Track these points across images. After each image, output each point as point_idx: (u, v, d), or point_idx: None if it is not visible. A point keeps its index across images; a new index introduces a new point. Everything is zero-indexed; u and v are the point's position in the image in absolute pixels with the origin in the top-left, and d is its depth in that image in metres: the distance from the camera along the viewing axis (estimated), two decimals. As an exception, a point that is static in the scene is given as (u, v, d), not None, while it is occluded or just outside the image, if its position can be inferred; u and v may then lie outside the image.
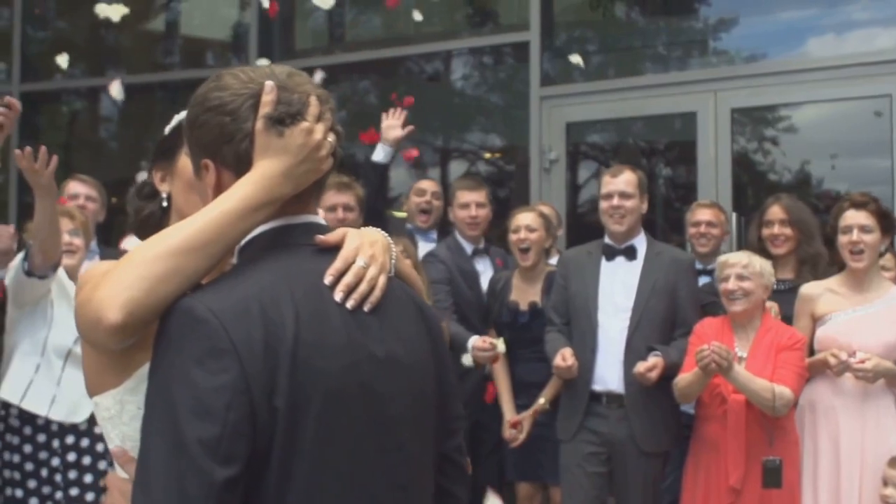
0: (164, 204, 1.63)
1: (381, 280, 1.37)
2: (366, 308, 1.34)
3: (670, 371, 3.50)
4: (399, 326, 1.40)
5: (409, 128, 4.02)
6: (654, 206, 4.59)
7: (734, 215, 4.83)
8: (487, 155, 6.07)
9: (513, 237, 3.98)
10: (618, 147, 5.74)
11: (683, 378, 3.36)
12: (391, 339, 1.36)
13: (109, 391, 1.44)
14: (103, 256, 4.03)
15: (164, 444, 1.18)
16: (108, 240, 4.58)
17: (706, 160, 5.03)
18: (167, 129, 1.66)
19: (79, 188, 3.98)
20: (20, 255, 3.25)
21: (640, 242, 3.80)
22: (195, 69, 6.94)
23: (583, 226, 5.48)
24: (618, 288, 3.72)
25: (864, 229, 3.42)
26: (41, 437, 3.40)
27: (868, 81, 4.72)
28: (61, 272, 3.40)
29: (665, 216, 5.40)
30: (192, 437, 1.16)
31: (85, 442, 3.44)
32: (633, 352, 3.60)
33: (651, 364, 3.47)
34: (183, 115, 1.65)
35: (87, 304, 1.25)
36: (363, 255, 1.37)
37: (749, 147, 5.24)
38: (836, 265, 3.67)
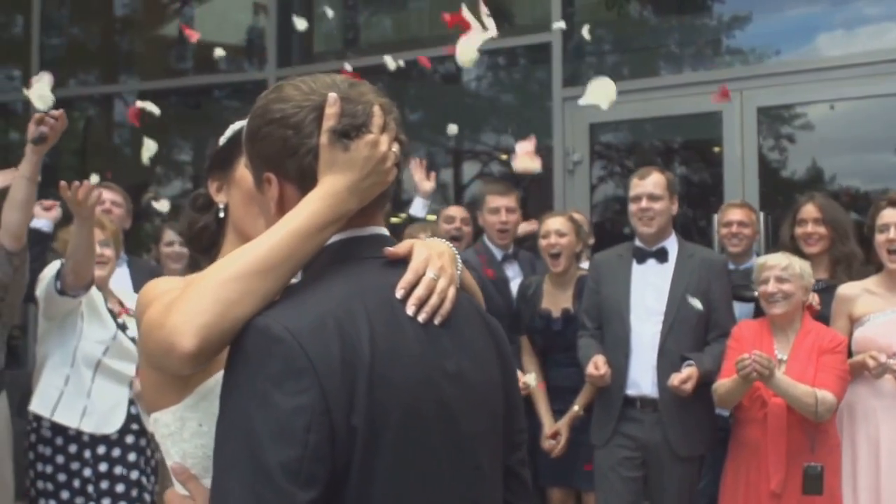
0: (221, 215, 1.59)
1: (451, 292, 1.35)
2: (436, 321, 1.31)
3: (705, 379, 3.46)
4: (468, 339, 1.37)
5: (433, 174, 4.41)
6: (680, 207, 4.54)
7: (761, 215, 4.78)
8: (503, 157, 6.02)
9: (543, 242, 3.93)
10: (642, 148, 5.70)
11: (723, 384, 3.32)
12: (461, 352, 1.33)
13: (169, 408, 1.43)
14: (131, 265, 4.02)
15: (242, 468, 1.14)
16: (126, 246, 4.55)
17: (732, 160, 4.99)
18: (222, 139, 1.64)
19: (105, 194, 3.99)
20: (52, 271, 3.23)
21: (672, 244, 3.76)
22: (208, 74, 6.93)
23: (608, 227, 5.44)
24: (650, 291, 3.68)
25: (901, 228, 3.37)
26: (73, 448, 3.38)
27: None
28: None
29: (691, 216, 5.35)
30: (272, 461, 1.13)
31: (116, 452, 3.42)
32: (667, 356, 3.57)
33: (685, 376, 3.43)
34: (239, 125, 1.63)
35: (157, 330, 1.22)
36: (433, 266, 1.34)
37: (775, 146, 5.19)
38: (871, 265, 3.62)
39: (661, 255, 3.73)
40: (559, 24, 4.75)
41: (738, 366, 3.11)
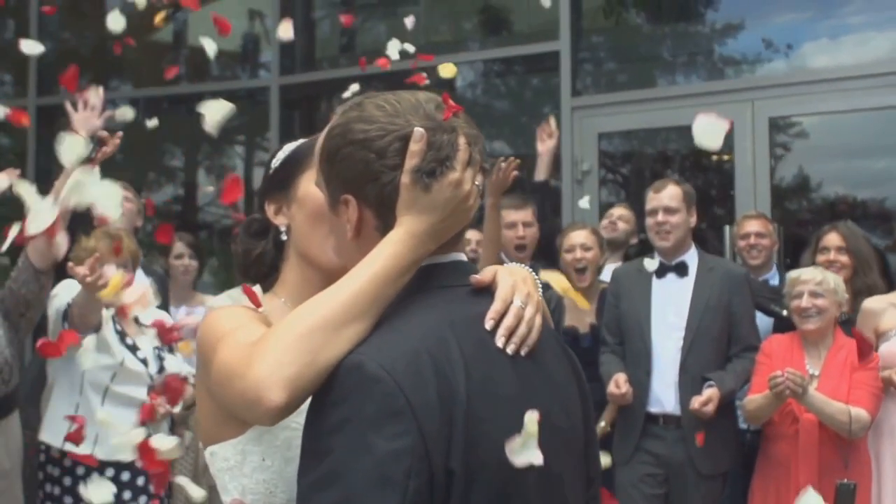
0: (284, 237, 1.50)
1: (538, 321, 1.29)
2: (522, 352, 1.24)
3: (727, 399, 3.43)
4: (551, 370, 1.31)
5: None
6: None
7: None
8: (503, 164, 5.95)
9: (567, 257, 3.85)
10: (652, 157, 5.65)
11: (753, 400, 3.27)
12: (546, 386, 1.28)
13: (229, 441, 1.36)
14: (145, 269, 3.90)
15: None
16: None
17: (743, 170, 4.95)
18: (277, 161, 1.55)
19: None
20: (64, 297, 3.12)
21: (692, 258, 3.71)
22: (207, 82, 6.83)
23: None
24: (670, 306, 3.63)
25: (928, 242, 3.35)
26: (80, 470, 3.29)
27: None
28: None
29: (702, 228, 5.31)
30: None
31: (126, 476, 3.32)
32: (688, 373, 3.52)
33: (705, 398, 3.38)
34: (294, 144, 1.55)
35: (239, 381, 1.16)
36: (519, 294, 1.28)
37: (786, 156, 5.16)
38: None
39: (681, 269, 3.67)
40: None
41: (770, 383, 3.07)
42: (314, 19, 6.49)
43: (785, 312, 3.44)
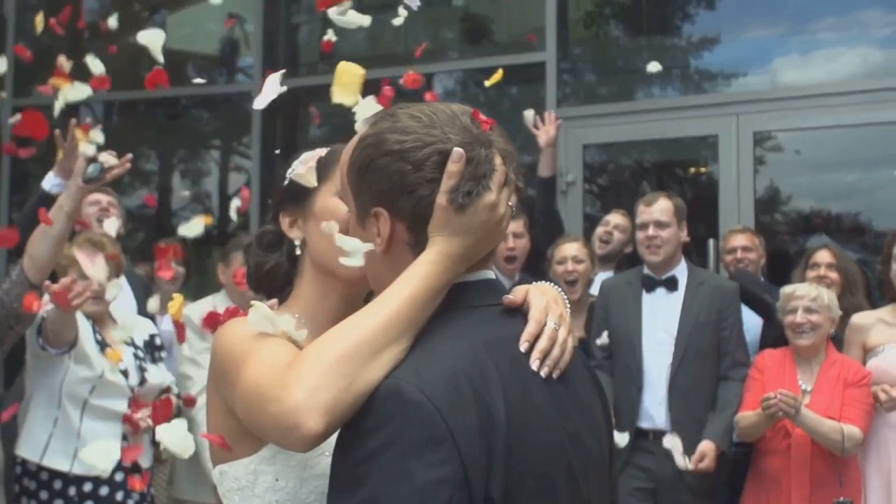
0: (298, 252, 1.45)
1: (570, 343, 1.26)
2: (555, 375, 1.21)
3: (723, 446, 3.41)
4: (580, 394, 1.28)
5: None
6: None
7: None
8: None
9: (558, 269, 3.82)
10: (637, 170, 5.66)
11: (746, 417, 3.26)
12: (576, 410, 1.25)
13: (241, 460, 1.33)
14: (128, 276, 3.80)
15: None
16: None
17: (728, 184, 4.97)
18: (291, 172, 1.49)
19: (100, 196, 3.88)
20: (38, 317, 3.02)
21: (681, 272, 3.69)
22: (180, 86, 6.71)
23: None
24: (660, 321, 3.61)
25: (916, 258, 3.37)
26: (57, 484, 3.19)
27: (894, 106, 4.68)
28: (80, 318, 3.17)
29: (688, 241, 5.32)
30: None
31: (104, 490, 3.22)
32: (678, 388, 3.51)
33: (699, 455, 3.36)
34: (311, 154, 1.49)
35: (273, 405, 1.11)
36: (553, 315, 1.26)
37: (771, 171, 5.18)
38: (888, 297, 3.60)
39: (671, 284, 3.66)
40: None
41: (763, 404, 3.08)
42: (296, 24, 6.42)
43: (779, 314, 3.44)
